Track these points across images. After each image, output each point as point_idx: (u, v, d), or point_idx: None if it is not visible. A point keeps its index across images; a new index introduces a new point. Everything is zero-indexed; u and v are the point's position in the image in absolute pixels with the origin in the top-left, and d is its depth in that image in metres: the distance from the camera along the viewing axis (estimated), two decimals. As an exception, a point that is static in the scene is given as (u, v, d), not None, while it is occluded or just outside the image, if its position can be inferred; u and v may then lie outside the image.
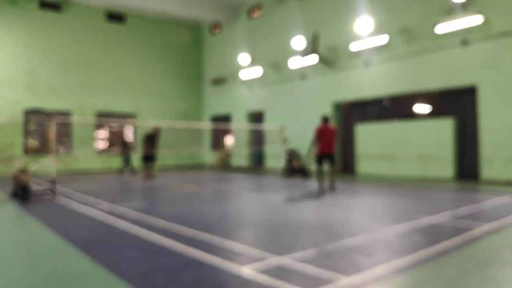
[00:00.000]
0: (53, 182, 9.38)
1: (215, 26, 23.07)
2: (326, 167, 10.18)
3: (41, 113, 18.34)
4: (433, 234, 5.02)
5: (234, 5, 20.70)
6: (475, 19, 11.58)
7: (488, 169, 11.55)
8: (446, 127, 12.57)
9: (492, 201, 7.70)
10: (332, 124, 10.64)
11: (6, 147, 17.49)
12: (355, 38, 15.01)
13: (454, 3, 12.09)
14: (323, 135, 10.09)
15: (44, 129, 18.51)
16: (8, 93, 17.54)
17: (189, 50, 23.63)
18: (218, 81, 22.33)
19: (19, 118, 17.78)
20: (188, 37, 23.55)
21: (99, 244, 4.80)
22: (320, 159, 10.16)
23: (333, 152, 10.08)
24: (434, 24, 12.61)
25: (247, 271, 3.64)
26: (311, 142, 10.42)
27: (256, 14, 20.15)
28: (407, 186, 10.73)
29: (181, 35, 23.26)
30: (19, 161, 17.52)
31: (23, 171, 8.91)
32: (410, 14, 13.42)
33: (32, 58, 18.20)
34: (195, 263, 3.93)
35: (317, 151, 10.18)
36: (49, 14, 18.74)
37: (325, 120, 10.33)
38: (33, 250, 4.62)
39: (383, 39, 14.08)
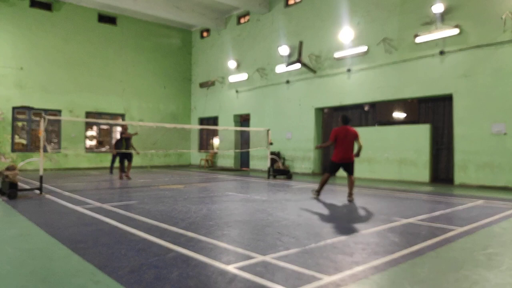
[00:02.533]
0: (40, 179, 9.21)
1: (205, 31, 23.01)
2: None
3: (29, 111, 18.01)
4: (410, 236, 5.09)
5: (224, 11, 20.68)
6: (453, 31, 11.82)
7: (462, 174, 11.78)
8: (423, 133, 12.78)
9: (465, 205, 7.84)
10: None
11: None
12: (339, 46, 15.16)
13: (433, 14, 12.31)
14: (342, 138, 8.26)
15: (32, 127, 18.17)
16: (-3, 90, 17.19)
17: (179, 53, 23.48)
18: (207, 84, 22.25)
19: (8, 115, 17.42)
20: (178, 40, 23.40)
21: (87, 241, 4.73)
22: (336, 167, 8.55)
23: (353, 159, 8.42)
24: (414, 34, 12.81)
25: (232, 269, 3.64)
26: (327, 145, 8.70)
27: (244, 21, 20.19)
28: (384, 189, 10.85)
29: (171, 38, 23.10)
30: (7, 159, 17.17)
31: (10, 168, 8.71)
32: (391, 25, 13.61)
33: (21, 56, 17.79)
34: (181, 261, 3.91)
35: (333, 158, 8.46)
36: (40, 13, 18.36)
37: (346, 120, 8.47)
38: (20, 247, 4.52)
39: (365, 48, 14.25)
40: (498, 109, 11.04)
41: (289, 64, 16.31)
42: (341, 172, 14.88)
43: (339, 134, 8.29)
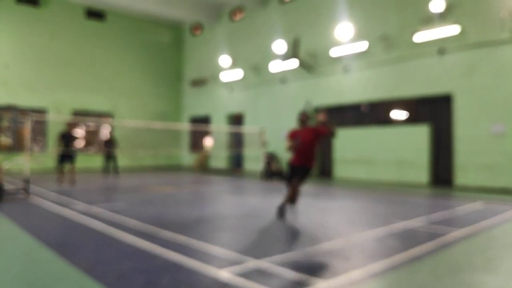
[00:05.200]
0: (27, 181, 9.14)
1: (196, 27, 22.97)
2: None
3: (15, 110, 17.88)
4: (408, 239, 5.12)
5: (216, 7, 20.67)
6: (452, 29, 11.90)
7: (462, 175, 11.86)
8: (422, 133, 12.84)
9: (464, 207, 7.90)
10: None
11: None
12: (335, 44, 15.20)
13: (432, 12, 12.38)
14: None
15: (18, 126, 18.05)
16: (-19, 89, 17.05)
17: (169, 50, 23.44)
18: (198, 82, 22.22)
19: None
20: (168, 37, 23.36)
21: (74, 245, 4.71)
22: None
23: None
24: (413, 32, 12.89)
25: (225, 274, 3.64)
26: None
27: (238, 16, 20.17)
28: (382, 191, 10.89)
29: (162, 35, 23.05)
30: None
31: (-5, 169, 8.65)
32: (389, 22, 13.68)
33: (6, 53, 17.68)
34: (172, 266, 3.90)
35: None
36: (26, 9, 18.26)
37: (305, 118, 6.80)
38: (5, 251, 4.50)
39: (363, 46, 14.31)
40: (498, 110, 11.13)
41: (286, 58, 16.32)
42: (339, 173, 15.04)
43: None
